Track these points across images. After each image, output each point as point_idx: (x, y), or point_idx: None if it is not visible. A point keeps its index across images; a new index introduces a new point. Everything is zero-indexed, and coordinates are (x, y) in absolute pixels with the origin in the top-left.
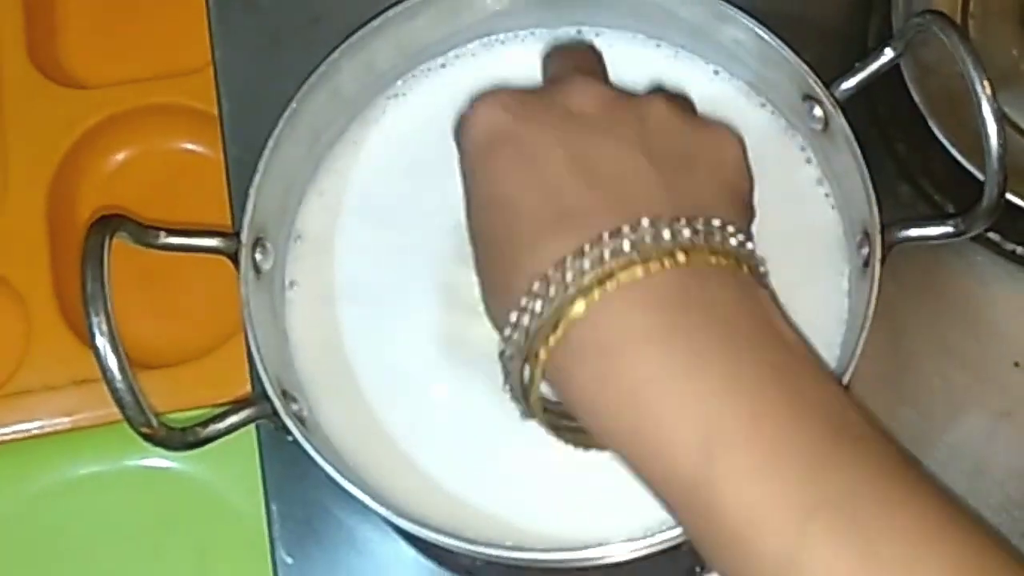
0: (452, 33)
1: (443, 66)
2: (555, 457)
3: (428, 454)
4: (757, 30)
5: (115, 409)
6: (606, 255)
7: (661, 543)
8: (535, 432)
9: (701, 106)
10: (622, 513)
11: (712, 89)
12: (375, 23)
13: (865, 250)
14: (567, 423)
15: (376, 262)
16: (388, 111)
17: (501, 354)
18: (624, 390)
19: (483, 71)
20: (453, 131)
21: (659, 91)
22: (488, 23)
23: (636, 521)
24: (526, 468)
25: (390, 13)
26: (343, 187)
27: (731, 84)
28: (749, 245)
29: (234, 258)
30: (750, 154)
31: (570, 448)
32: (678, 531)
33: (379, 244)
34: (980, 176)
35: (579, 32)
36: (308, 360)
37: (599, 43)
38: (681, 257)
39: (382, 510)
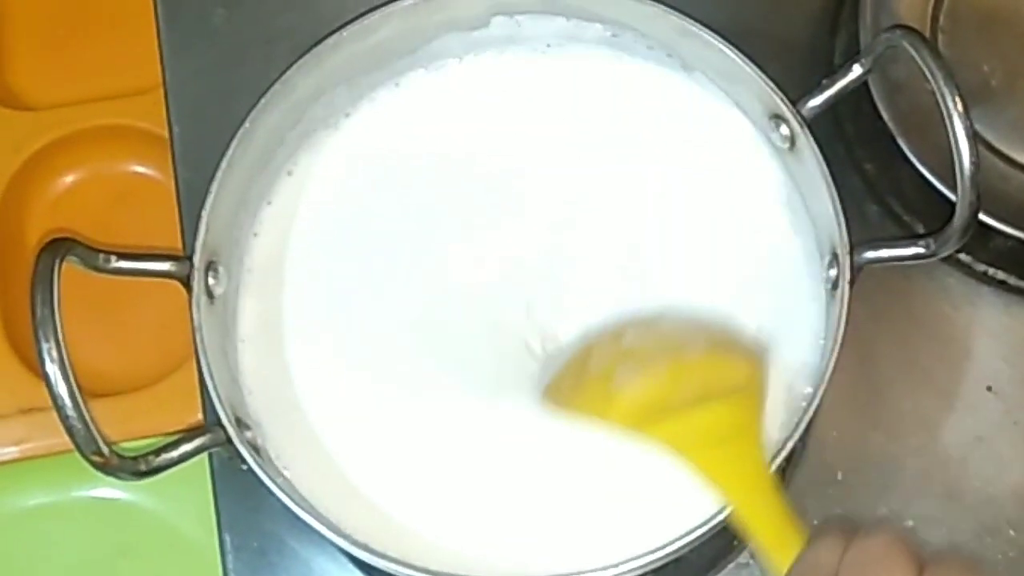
0: (408, 53)
1: (397, 85)
2: (508, 489)
3: (381, 485)
4: (722, 47)
5: (65, 438)
6: None
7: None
8: (489, 464)
9: (671, 119)
10: (577, 544)
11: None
12: (329, 41)
13: (834, 271)
14: None
15: (326, 289)
16: (341, 132)
17: None
18: None
19: (438, 92)
20: None
21: None
22: (444, 43)
23: (592, 553)
24: (479, 499)
25: (344, 32)
26: (293, 212)
27: (701, 102)
28: None
29: (186, 282)
30: (718, 172)
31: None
32: (626, 567)
33: (329, 271)
34: (951, 196)
35: (548, 47)
36: (260, 389)
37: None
38: None
39: (338, 539)
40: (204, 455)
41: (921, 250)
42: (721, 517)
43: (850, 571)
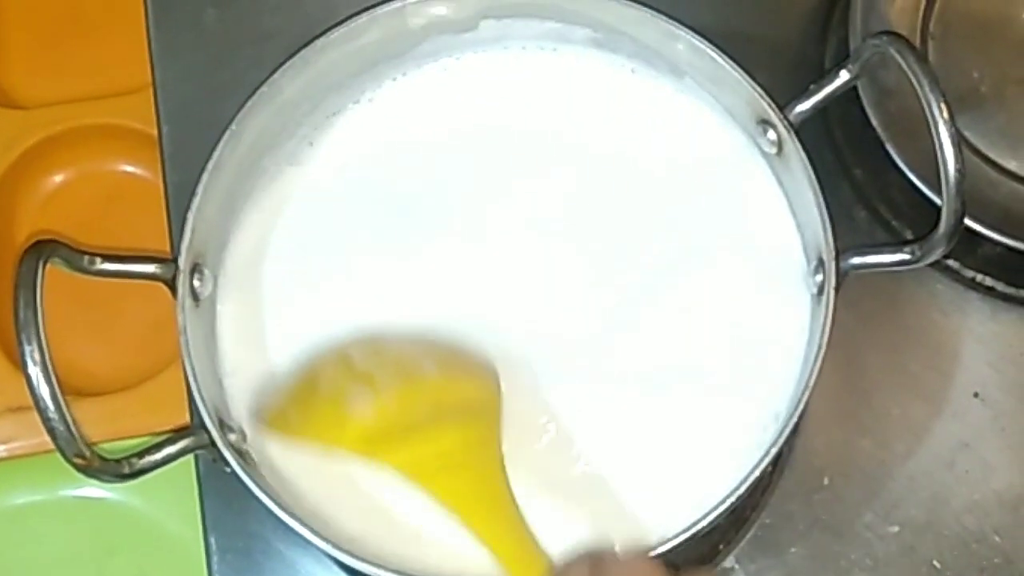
0: (396, 55)
1: (380, 87)
2: None
3: (364, 487)
4: (709, 51)
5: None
6: None
7: None
8: None
9: (658, 123)
10: (563, 550)
11: (669, 109)
12: (318, 43)
13: (820, 277)
14: None
15: (311, 291)
16: (327, 133)
17: None
18: None
19: (423, 93)
20: None
21: None
22: (432, 45)
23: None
24: None
25: (333, 34)
26: (279, 214)
27: (690, 105)
28: None
29: (171, 284)
30: (706, 176)
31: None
32: None
33: (313, 274)
34: (938, 201)
35: (536, 50)
36: (245, 392)
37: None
38: None
39: (321, 543)
40: (190, 456)
41: (907, 256)
42: (703, 524)
43: None
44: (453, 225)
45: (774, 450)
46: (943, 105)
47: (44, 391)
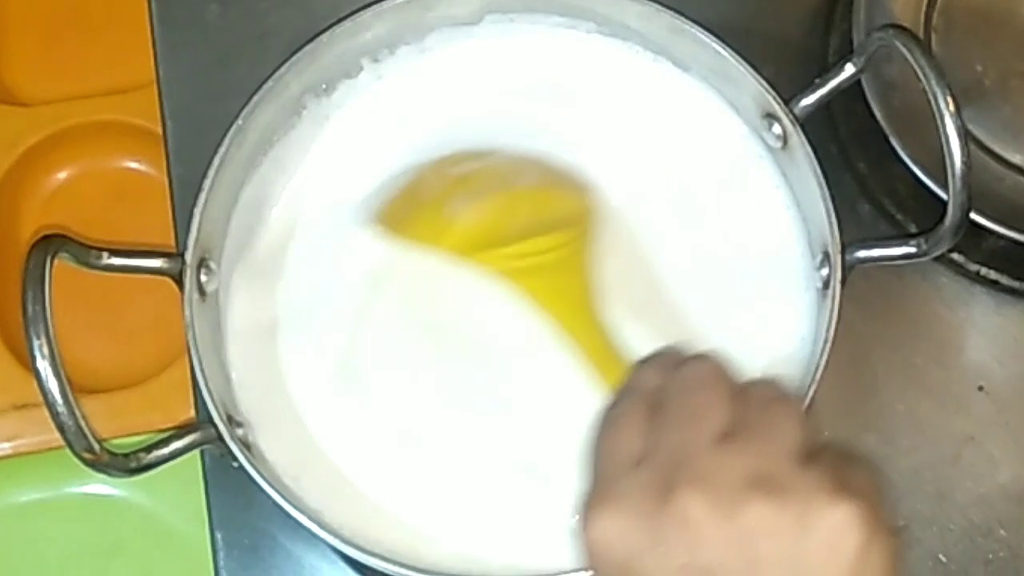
0: (400, 49)
1: (381, 78)
2: (502, 487)
3: (373, 481)
4: (715, 45)
5: (58, 434)
6: None
7: None
8: (482, 460)
9: (663, 117)
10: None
11: (674, 103)
12: (323, 38)
13: (825, 271)
14: None
15: (318, 285)
16: (333, 125)
17: None
18: None
19: (429, 82)
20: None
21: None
22: (438, 38)
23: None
24: (473, 495)
25: (338, 29)
26: (285, 208)
27: (694, 100)
28: None
29: (178, 279)
30: (711, 170)
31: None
32: None
33: (321, 267)
34: (944, 195)
35: (541, 44)
36: (252, 387)
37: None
38: None
39: (328, 537)
40: (196, 452)
41: (912, 250)
42: None
43: (672, 390)
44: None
45: None
46: (949, 98)
47: (53, 385)
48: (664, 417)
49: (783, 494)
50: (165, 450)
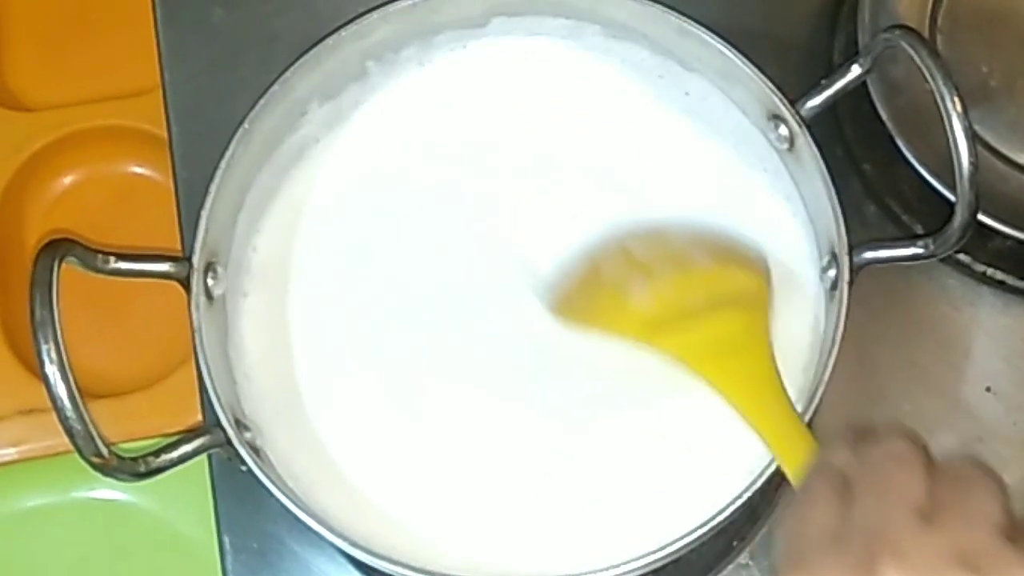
0: (406, 52)
1: (394, 82)
2: (509, 490)
3: (381, 485)
4: (720, 47)
5: (64, 439)
6: None
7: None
8: (489, 464)
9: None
10: (577, 545)
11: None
12: (329, 41)
13: (832, 272)
14: None
15: (329, 291)
16: (340, 130)
17: None
18: None
19: (435, 89)
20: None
21: None
22: (444, 40)
23: (592, 553)
24: (480, 499)
25: (344, 32)
26: (292, 212)
27: (700, 102)
28: None
29: (185, 283)
30: (717, 172)
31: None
32: (627, 567)
33: (329, 270)
34: (950, 196)
35: (547, 44)
36: (260, 390)
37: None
38: None
39: (337, 540)
40: (203, 456)
41: (920, 251)
42: (719, 520)
43: (865, 471)
44: (470, 213)
45: None
46: (956, 99)
47: (62, 390)
48: (859, 493)
49: (989, 570)
50: (173, 454)
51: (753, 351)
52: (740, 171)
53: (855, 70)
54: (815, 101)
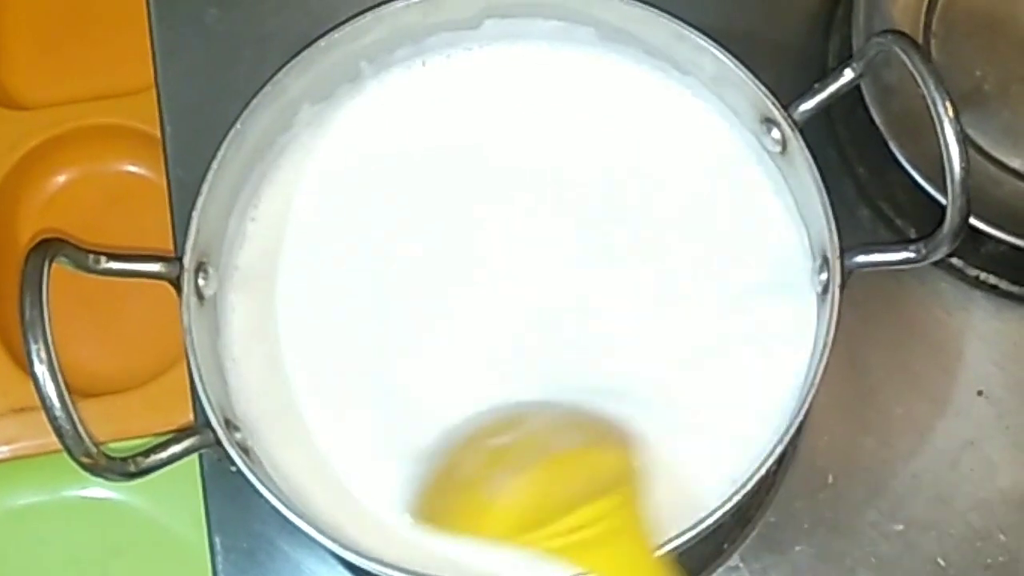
0: (399, 53)
1: (383, 83)
2: None
3: (372, 487)
4: (714, 50)
5: (55, 438)
6: None
7: None
8: None
9: (662, 121)
10: None
11: (674, 108)
12: (321, 42)
13: (824, 275)
14: None
15: (316, 289)
16: (330, 130)
17: None
18: None
19: (427, 89)
20: None
21: None
22: (436, 42)
23: None
24: None
25: (337, 33)
26: (283, 213)
27: (693, 105)
28: None
29: (176, 283)
30: (710, 175)
31: None
32: None
33: (319, 271)
34: (943, 200)
35: (541, 47)
36: (250, 391)
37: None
38: None
39: (326, 541)
40: (195, 456)
41: (912, 255)
42: (709, 523)
43: None
44: (461, 214)
45: (779, 449)
46: (948, 103)
47: (51, 390)
48: None
49: None
50: (163, 454)
51: (628, 534)
52: (733, 174)
53: (848, 74)
54: (808, 105)
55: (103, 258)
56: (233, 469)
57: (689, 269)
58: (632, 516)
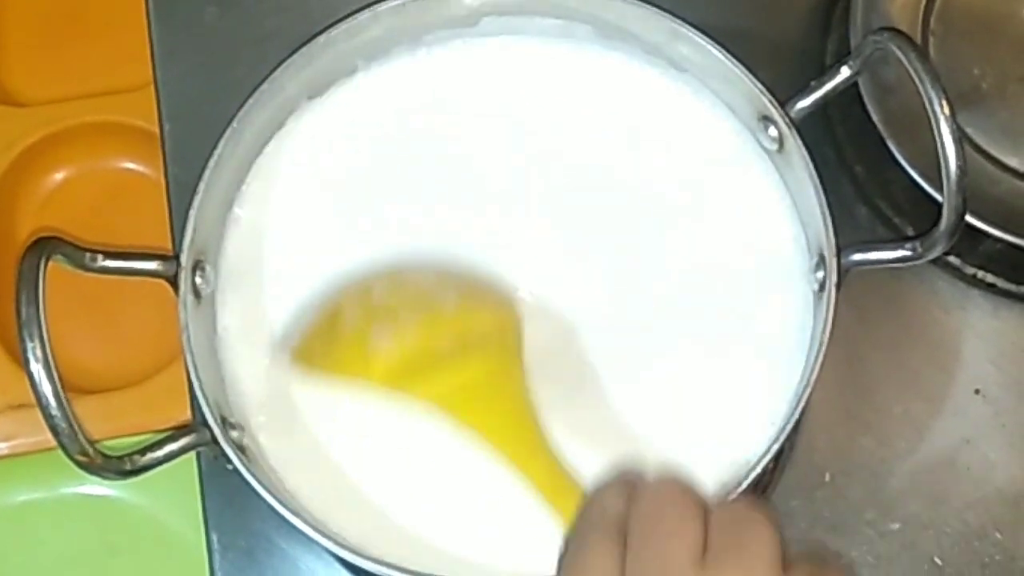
0: (396, 51)
1: (374, 74)
2: (500, 488)
3: (370, 484)
4: (711, 48)
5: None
6: None
7: None
8: (483, 465)
9: (659, 119)
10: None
11: (671, 105)
12: (319, 40)
13: (821, 273)
14: None
15: (312, 286)
16: (321, 126)
17: None
18: None
19: (419, 83)
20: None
21: None
22: (433, 40)
23: None
24: (471, 498)
25: (334, 31)
26: (278, 208)
27: (690, 102)
28: None
29: (173, 282)
30: (708, 172)
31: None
32: None
33: (313, 268)
34: (939, 198)
35: (538, 44)
36: (247, 389)
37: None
38: None
39: (323, 540)
40: (192, 454)
41: (908, 253)
42: None
43: (639, 519)
44: (451, 211)
45: (775, 447)
46: (944, 102)
47: (46, 388)
48: (635, 542)
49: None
50: (159, 452)
51: (507, 394)
52: (730, 171)
53: (844, 72)
54: (805, 102)
55: (100, 256)
56: (230, 467)
57: (685, 266)
58: (512, 376)
